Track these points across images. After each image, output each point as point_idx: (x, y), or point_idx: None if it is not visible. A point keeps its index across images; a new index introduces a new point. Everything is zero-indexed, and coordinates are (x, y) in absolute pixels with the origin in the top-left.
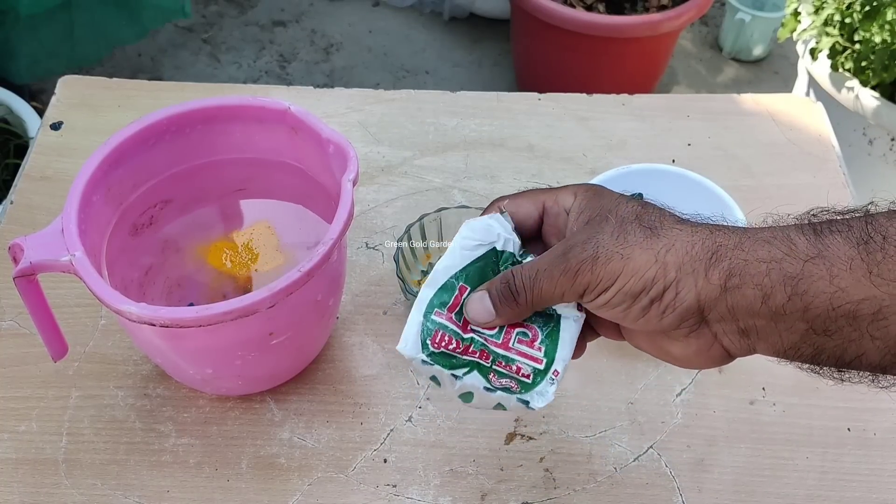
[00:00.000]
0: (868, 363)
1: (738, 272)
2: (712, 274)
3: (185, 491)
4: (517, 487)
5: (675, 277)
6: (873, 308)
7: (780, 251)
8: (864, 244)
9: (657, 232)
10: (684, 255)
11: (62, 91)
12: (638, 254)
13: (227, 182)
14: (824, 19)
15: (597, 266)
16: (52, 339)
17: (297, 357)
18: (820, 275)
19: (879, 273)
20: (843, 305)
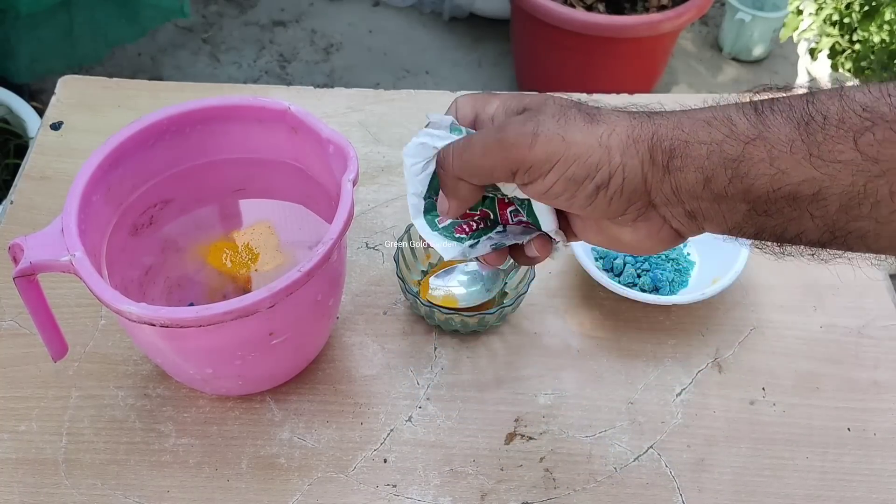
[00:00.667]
0: (808, 240)
1: (680, 153)
2: (655, 155)
3: (186, 491)
4: (517, 487)
5: (621, 162)
6: (813, 189)
7: (720, 133)
8: (805, 125)
9: (597, 118)
10: (627, 139)
11: (62, 91)
12: (580, 138)
13: (227, 182)
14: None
15: (536, 144)
16: (53, 339)
17: (297, 357)
18: (760, 157)
19: (819, 154)
20: (783, 187)
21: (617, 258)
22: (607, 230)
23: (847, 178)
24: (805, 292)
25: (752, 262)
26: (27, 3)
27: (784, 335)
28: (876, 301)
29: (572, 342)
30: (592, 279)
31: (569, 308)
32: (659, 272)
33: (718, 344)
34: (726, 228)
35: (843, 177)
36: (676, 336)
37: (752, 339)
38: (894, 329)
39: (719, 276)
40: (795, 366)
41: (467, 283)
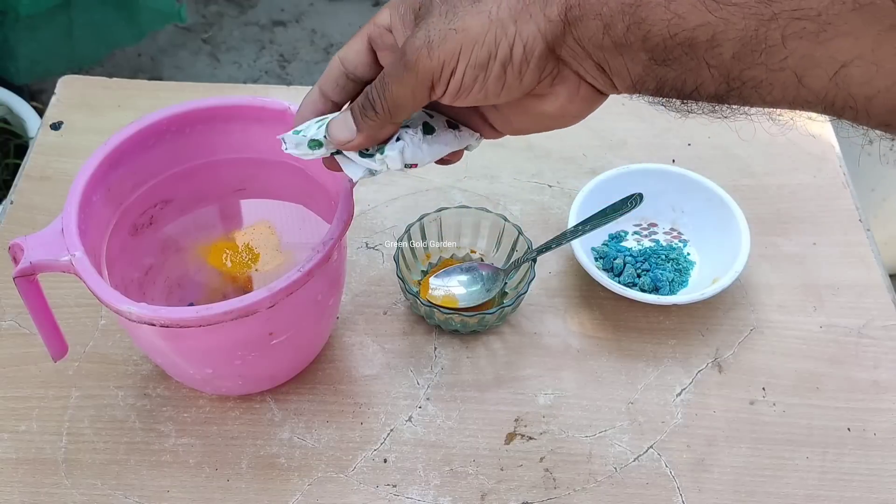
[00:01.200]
0: (706, 93)
1: (577, 3)
2: (550, 11)
3: (185, 491)
4: (517, 487)
5: (516, 30)
6: (708, 34)
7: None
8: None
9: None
10: (516, 4)
11: (62, 91)
12: (470, 22)
13: (227, 182)
14: None
15: (433, 50)
16: (53, 339)
17: (297, 357)
18: (656, 1)
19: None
20: (679, 33)
21: (617, 258)
22: (530, 109)
23: (741, 23)
24: (805, 292)
25: (753, 263)
26: (27, 5)
27: (784, 335)
28: (876, 301)
29: (572, 342)
30: (592, 279)
31: (569, 308)
32: (659, 272)
33: (718, 344)
34: (630, 82)
35: (736, 20)
36: (676, 336)
37: (751, 339)
38: (894, 329)
39: (719, 276)
40: (795, 366)
41: (467, 283)
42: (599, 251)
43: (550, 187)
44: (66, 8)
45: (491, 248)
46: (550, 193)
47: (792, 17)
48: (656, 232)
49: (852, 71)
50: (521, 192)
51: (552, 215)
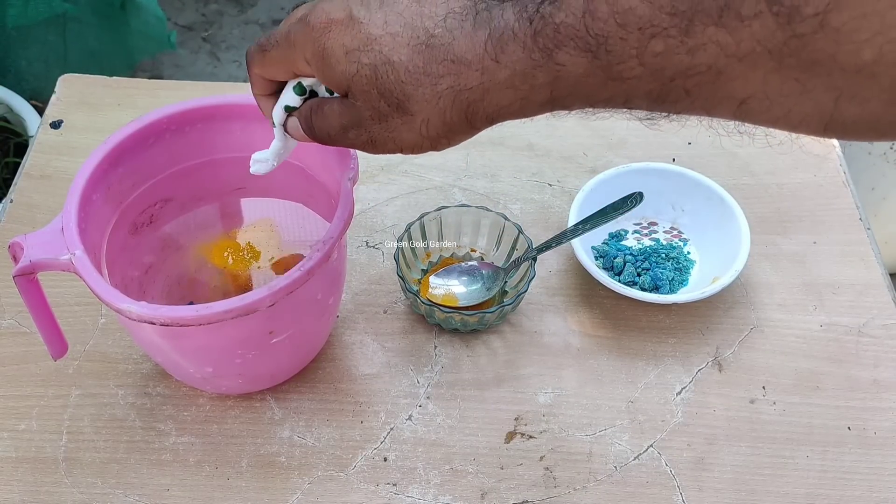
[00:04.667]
0: (639, 114)
1: (496, 115)
2: (476, 122)
3: (186, 489)
4: (517, 486)
5: (448, 140)
6: (621, 99)
7: (523, 91)
8: (594, 56)
9: (408, 109)
10: (443, 126)
11: (62, 89)
12: (405, 135)
13: (227, 181)
14: None
15: (377, 149)
16: (52, 338)
17: (297, 356)
18: (567, 92)
19: (614, 76)
20: (596, 102)
21: (617, 257)
22: None
23: (646, 87)
24: (805, 291)
25: (753, 261)
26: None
27: (784, 334)
28: (876, 300)
29: (572, 341)
30: (592, 278)
31: (569, 307)
32: (659, 271)
33: (718, 343)
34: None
35: (641, 86)
36: (676, 335)
37: (752, 338)
38: (894, 328)
39: (719, 275)
40: (795, 364)
41: (467, 282)
42: (600, 250)
43: (551, 186)
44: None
45: (491, 246)
46: (551, 192)
47: (688, 76)
48: (656, 231)
49: (751, 105)
50: (522, 191)
51: (552, 214)
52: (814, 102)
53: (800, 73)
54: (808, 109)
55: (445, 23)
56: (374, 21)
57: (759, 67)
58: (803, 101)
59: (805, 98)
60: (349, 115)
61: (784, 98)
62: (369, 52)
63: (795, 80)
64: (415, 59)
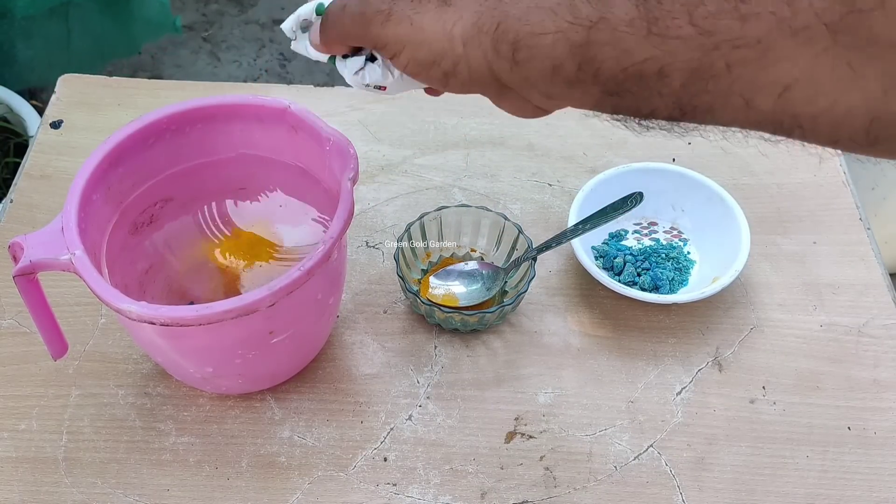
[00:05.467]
0: (661, 116)
1: (525, 45)
2: (500, 47)
3: (186, 489)
4: (517, 486)
5: (464, 53)
6: (656, 67)
7: (564, 21)
8: (644, 2)
9: (450, 1)
10: (471, 29)
11: (62, 89)
12: (428, 23)
13: (227, 181)
14: None
15: (387, 25)
16: (52, 338)
17: (297, 356)
18: (604, 40)
19: (658, 31)
20: (628, 67)
21: (617, 257)
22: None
23: (686, 54)
24: (805, 291)
25: (753, 261)
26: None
27: (784, 334)
28: (876, 300)
29: (572, 341)
30: (592, 278)
31: (569, 307)
32: (659, 271)
33: (718, 343)
34: (585, 108)
35: (681, 52)
36: (676, 335)
37: (752, 338)
38: (894, 328)
39: (719, 274)
40: (795, 364)
41: (467, 282)
42: (599, 250)
43: (551, 186)
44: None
45: (491, 246)
46: (551, 192)
47: (733, 46)
48: (656, 231)
49: (795, 93)
50: (522, 191)
51: (552, 214)
52: (862, 92)
53: (853, 55)
54: (855, 100)
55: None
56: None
57: (811, 45)
58: (851, 91)
59: (854, 87)
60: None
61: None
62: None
63: (847, 63)
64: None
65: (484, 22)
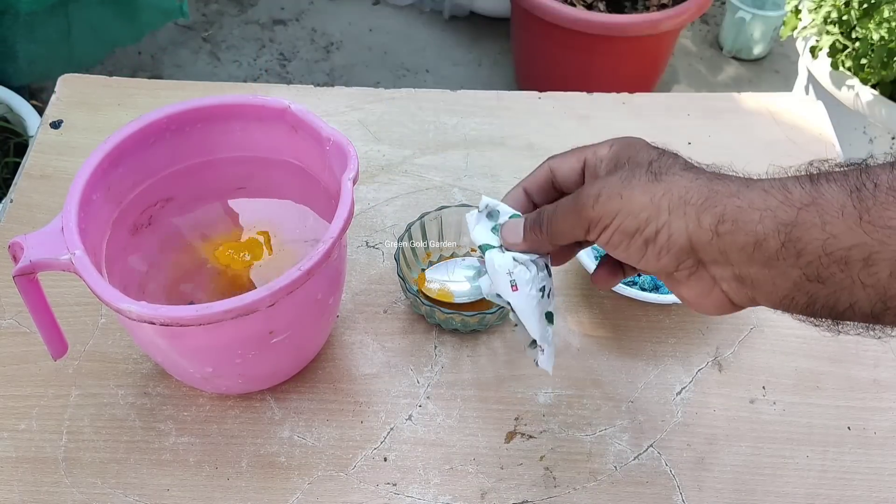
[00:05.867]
0: (860, 312)
1: (731, 218)
2: (704, 218)
3: (185, 489)
4: (517, 486)
5: (667, 220)
6: (864, 254)
7: (775, 199)
8: (857, 191)
9: (660, 177)
10: (677, 200)
11: (62, 89)
12: (637, 196)
13: (227, 180)
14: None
15: (598, 203)
16: (52, 338)
17: (297, 356)
18: (813, 222)
19: (870, 220)
20: (834, 252)
21: None
22: (670, 283)
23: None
24: None
25: None
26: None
27: (784, 334)
28: None
29: (572, 341)
30: None
31: (569, 307)
32: None
33: (718, 343)
34: (777, 298)
35: (892, 242)
36: (676, 335)
37: (752, 338)
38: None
39: None
40: (795, 364)
41: (463, 279)
42: (599, 250)
43: None
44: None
45: None
46: None
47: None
48: None
49: None
50: None
51: None
52: None
53: None
54: None
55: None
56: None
57: None
58: None
59: None
60: (598, 182)
61: None
62: (666, 151)
63: None
64: (696, 167)
65: (691, 196)
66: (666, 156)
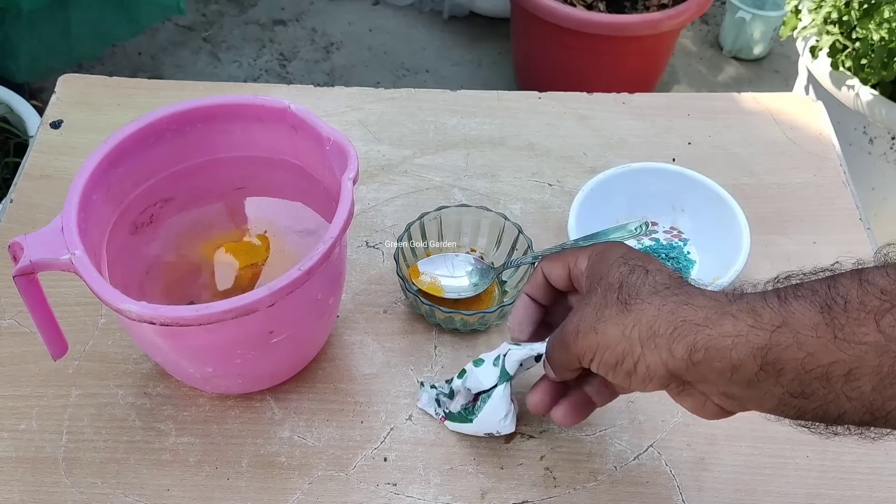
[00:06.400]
0: (851, 421)
1: (703, 347)
2: (676, 348)
3: (185, 489)
4: (517, 486)
5: (640, 353)
6: (844, 370)
7: (745, 324)
8: (829, 309)
9: (629, 306)
10: (647, 332)
11: (62, 89)
12: (610, 329)
13: (227, 180)
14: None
15: (578, 340)
16: (52, 338)
17: (297, 356)
18: (787, 342)
19: (844, 337)
20: (814, 369)
21: None
22: (670, 395)
23: (874, 359)
24: None
25: (753, 261)
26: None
27: None
28: None
29: None
30: None
31: None
32: None
33: None
34: (767, 410)
35: (870, 358)
36: None
37: None
38: None
39: (719, 275)
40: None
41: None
42: None
43: (551, 186)
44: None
45: (491, 246)
46: (551, 192)
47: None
48: (656, 231)
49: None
50: (522, 191)
51: (552, 214)
52: None
53: None
54: None
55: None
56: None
57: None
58: None
59: None
60: (575, 311)
61: None
62: (639, 261)
63: None
64: (667, 280)
65: (659, 326)
66: (636, 273)
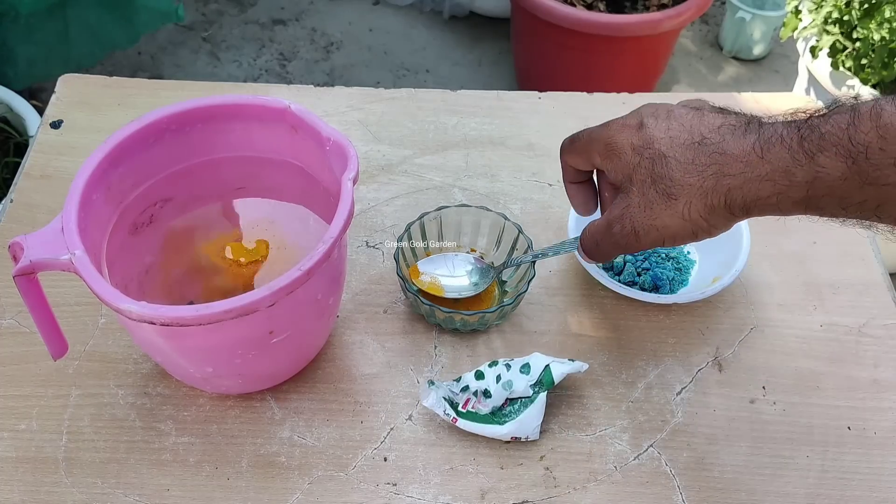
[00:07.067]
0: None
1: (755, 206)
2: (735, 212)
3: (185, 489)
4: (517, 486)
5: (708, 225)
6: (874, 204)
7: (782, 185)
8: (853, 160)
9: (672, 194)
10: (704, 208)
11: (62, 89)
12: (669, 221)
13: (227, 181)
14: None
15: (641, 239)
16: (52, 338)
17: (297, 356)
18: (823, 192)
19: (870, 181)
20: (850, 207)
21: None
22: None
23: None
24: (805, 291)
25: (753, 261)
26: (28, 3)
27: (784, 334)
28: (876, 300)
29: (572, 341)
30: (592, 278)
31: (569, 307)
32: (659, 271)
33: (719, 343)
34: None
35: (895, 193)
36: (676, 335)
37: (752, 338)
38: (894, 328)
39: (719, 274)
40: (795, 364)
41: (455, 273)
42: None
43: (551, 186)
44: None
45: (491, 246)
46: (551, 192)
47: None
48: None
49: None
50: (522, 191)
51: (552, 214)
52: None
53: None
54: None
55: (719, 130)
56: (659, 127)
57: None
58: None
59: None
60: (618, 208)
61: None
62: (650, 148)
63: None
64: (686, 153)
65: (711, 201)
66: (657, 163)
